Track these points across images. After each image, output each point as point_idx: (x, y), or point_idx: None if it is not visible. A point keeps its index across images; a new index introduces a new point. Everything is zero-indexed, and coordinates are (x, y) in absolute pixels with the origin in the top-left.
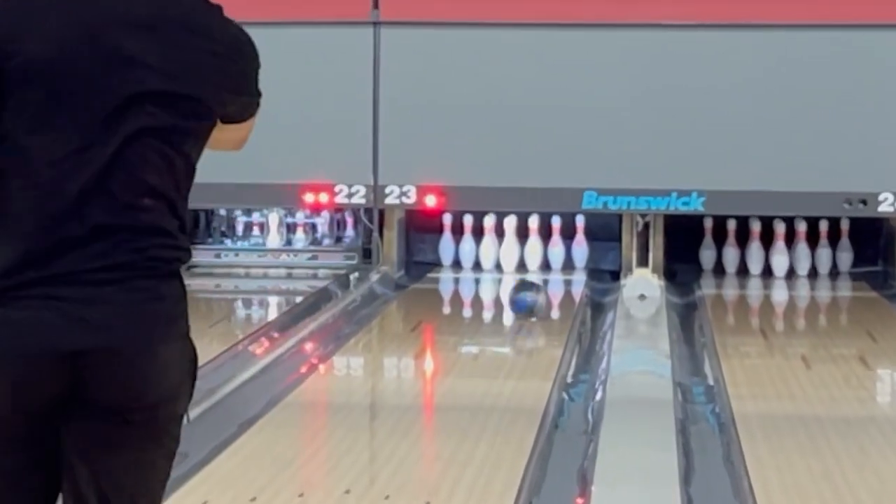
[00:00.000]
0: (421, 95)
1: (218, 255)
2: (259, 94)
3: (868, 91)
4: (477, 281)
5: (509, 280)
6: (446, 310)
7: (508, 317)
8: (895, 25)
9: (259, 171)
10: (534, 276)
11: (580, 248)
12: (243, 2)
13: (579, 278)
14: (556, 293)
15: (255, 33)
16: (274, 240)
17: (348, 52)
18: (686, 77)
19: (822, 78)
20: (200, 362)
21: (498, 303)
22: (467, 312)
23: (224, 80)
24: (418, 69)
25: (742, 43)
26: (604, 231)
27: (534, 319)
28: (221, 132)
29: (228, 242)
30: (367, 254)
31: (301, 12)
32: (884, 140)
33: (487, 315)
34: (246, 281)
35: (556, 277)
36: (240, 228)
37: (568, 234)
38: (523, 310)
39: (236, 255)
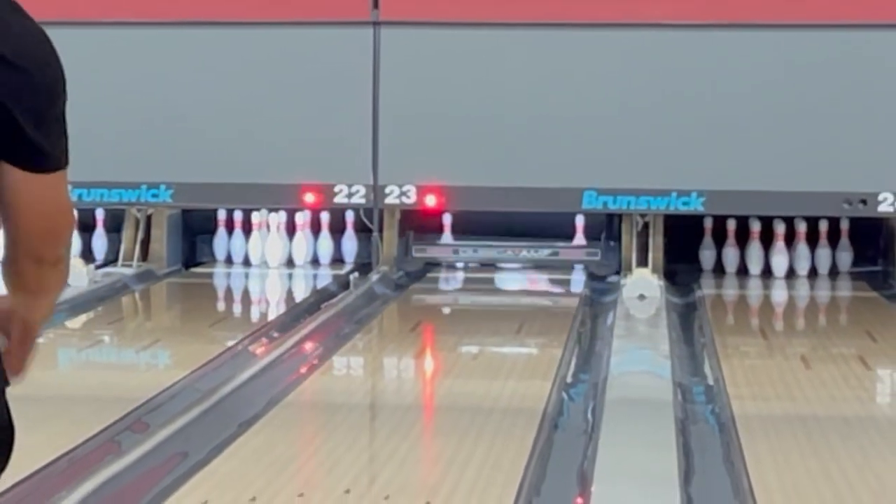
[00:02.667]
0: (421, 95)
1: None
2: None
3: (867, 91)
4: (479, 280)
5: (512, 277)
6: (446, 310)
7: (509, 317)
8: (894, 25)
9: (259, 171)
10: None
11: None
12: (245, 3)
13: (579, 278)
14: (556, 293)
15: (258, 34)
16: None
17: (348, 52)
18: (686, 77)
19: (822, 78)
20: (200, 362)
21: (498, 303)
22: (467, 312)
23: None
24: (418, 69)
25: (742, 44)
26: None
27: None
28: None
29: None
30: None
31: (301, 12)
32: (883, 140)
33: (487, 315)
34: (246, 281)
35: (556, 277)
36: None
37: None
38: None
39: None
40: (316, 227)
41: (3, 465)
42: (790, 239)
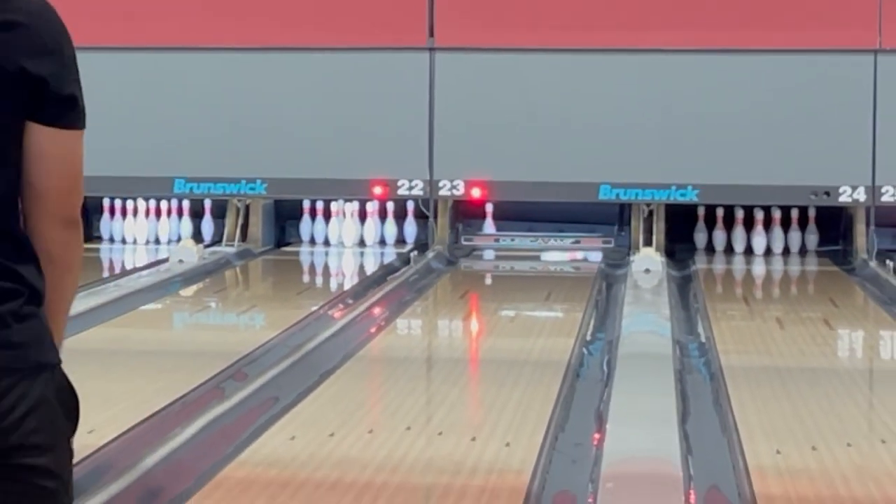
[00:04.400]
0: (468, 107)
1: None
2: None
3: (830, 104)
4: (516, 258)
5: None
6: (488, 281)
7: (539, 287)
8: (846, 51)
9: (337, 168)
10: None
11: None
12: (321, 31)
13: (597, 255)
14: (578, 267)
15: (337, 58)
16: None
17: (409, 73)
18: (684, 93)
19: (794, 94)
20: (289, 324)
21: (530, 274)
22: (505, 283)
23: None
24: (466, 85)
25: (729, 66)
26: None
27: None
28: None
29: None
30: None
31: (371, 40)
32: (843, 143)
33: (522, 285)
34: (326, 258)
35: (580, 255)
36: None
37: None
38: None
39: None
40: (383, 214)
41: (75, 428)
42: (768, 223)
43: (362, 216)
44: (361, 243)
